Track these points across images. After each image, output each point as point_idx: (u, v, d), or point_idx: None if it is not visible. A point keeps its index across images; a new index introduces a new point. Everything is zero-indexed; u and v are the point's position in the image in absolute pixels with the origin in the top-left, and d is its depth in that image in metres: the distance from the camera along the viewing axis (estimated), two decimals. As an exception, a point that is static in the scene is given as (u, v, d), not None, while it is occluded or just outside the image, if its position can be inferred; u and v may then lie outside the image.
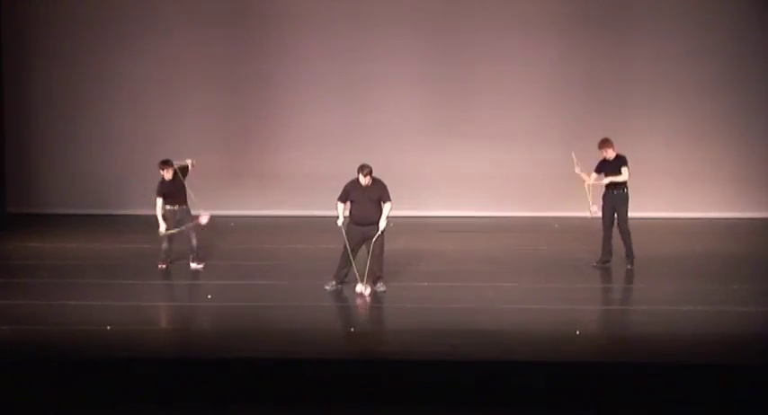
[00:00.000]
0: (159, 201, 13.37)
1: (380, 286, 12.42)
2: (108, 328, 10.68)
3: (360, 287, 12.19)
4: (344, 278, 12.43)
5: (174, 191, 13.38)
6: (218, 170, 17.24)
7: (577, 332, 10.71)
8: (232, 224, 16.58)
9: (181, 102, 18.21)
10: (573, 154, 13.38)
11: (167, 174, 13.37)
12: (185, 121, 18.16)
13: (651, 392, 9.46)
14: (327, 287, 12.43)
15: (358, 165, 12.31)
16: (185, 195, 13.46)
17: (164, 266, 13.54)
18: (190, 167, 13.51)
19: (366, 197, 12.26)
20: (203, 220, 13.42)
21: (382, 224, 12.23)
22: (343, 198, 12.40)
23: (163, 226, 13.30)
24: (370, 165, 12.29)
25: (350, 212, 12.35)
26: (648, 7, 17.88)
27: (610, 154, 13.29)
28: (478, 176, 17.92)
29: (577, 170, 13.37)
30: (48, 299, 11.96)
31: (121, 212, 17.61)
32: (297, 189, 17.88)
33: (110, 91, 18.17)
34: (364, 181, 12.21)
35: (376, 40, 18.06)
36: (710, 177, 17.98)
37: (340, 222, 12.34)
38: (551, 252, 14.83)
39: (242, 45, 18.18)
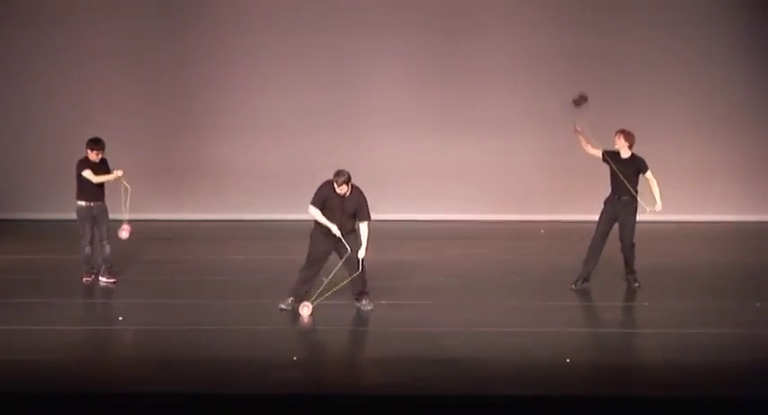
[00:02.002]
0: (88, 172, 13.40)
1: (367, 305, 12.53)
2: None
3: (306, 310, 12.21)
4: (304, 295, 12.42)
5: (91, 184, 13.44)
6: (134, 166, 17.08)
7: (568, 360, 10.64)
8: (149, 230, 16.52)
9: (98, 85, 18.34)
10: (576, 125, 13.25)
11: (94, 156, 13.45)
12: (97, 113, 18.23)
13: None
14: (283, 306, 12.39)
15: (334, 171, 12.24)
16: (103, 193, 13.60)
17: (89, 279, 13.66)
18: (115, 176, 13.62)
19: (342, 208, 12.27)
20: (123, 234, 13.63)
21: (361, 253, 12.28)
22: (317, 203, 12.29)
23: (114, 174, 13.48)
24: (348, 172, 12.21)
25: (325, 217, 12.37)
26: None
27: (620, 144, 13.08)
28: (448, 172, 18.01)
29: (578, 128, 13.17)
30: None
31: (15, 216, 17.51)
32: (235, 187, 17.85)
33: (7, 82, 18.24)
34: (340, 190, 12.18)
35: (343, 13, 18.17)
36: (725, 175, 18.44)
37: (336, 230, 12.24)
38: (537, 264, 14.93)
39: (168, 18, 18.44)
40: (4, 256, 15.42)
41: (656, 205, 13.05)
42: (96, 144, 13.49)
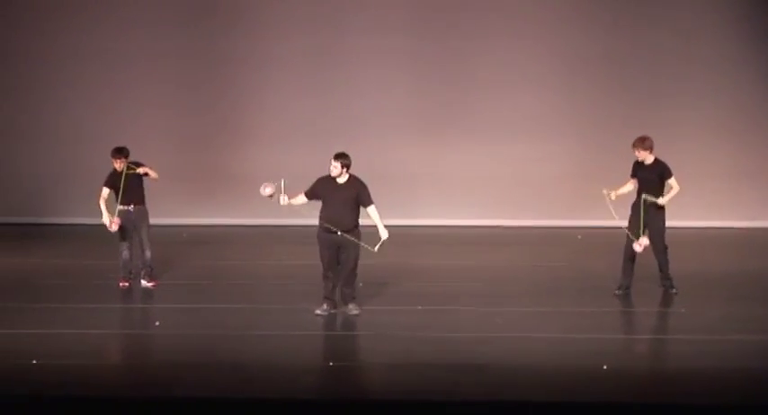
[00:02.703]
0: (104, 191, 13.38)
1: (353, 309, 12.35)
2: (33, 362, 10.58)
3: (268, 190, 12.17)
4: (334, 296, 12.38)
5: (125, 187, 13.33)
6: (170, 172, 17.15)
7: (605, 367, 10.51)
8: (185, 235, 16.78)
9: (130, 96, 18.47)
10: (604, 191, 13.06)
11: (117, 165, 13.33)
12: (134, 117, 18.39)
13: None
14: (319, 311, 12.32)
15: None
16: (142, 195, 13.49)
17: (126, 284, 13.57)
18: (145, 173, 13.52)
19: (339, 197, 12.06)
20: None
21: (384, 233, 12.11)
22: (309, 193, 12.23)
23: (106, 218, 13.23)
24: (348, 155, 12.11)
25: (320, 215, 12.25)
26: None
27: (642, 155, 12.95)
28: (481, 177, 18.26)
29: (605, 192, 13.03)
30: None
31: (53, 221, 17.54)
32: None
33: (33, 85, 18.36)
34: (336, 171, 12.00)
35: (355, 17, 18.05)
36: (763, 178, 17.81)
37: (282, 200, 12.09)
38: (572, 270, 14.86)
39: (198, 27, 18.48)
40: (40, 260, 15.47)
41: (659, 198, 12.81)
42: (118, 152, 13.36)
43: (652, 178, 12.90)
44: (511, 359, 10.83)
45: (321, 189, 12.12)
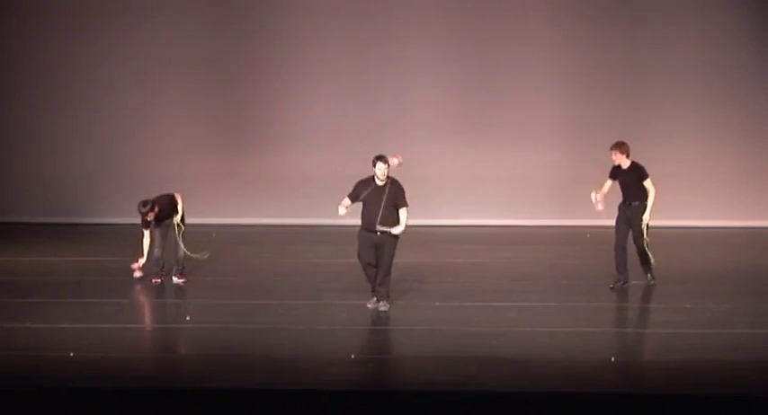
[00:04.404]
0: (146, 233, 13.55)
1: (383, 306, 12.39)
2: (70, 354, 10.59)
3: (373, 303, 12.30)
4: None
5: (157, 221, 13.54)
6: (199, 173, 17.24)
7: (613, 359, 10.54)
8: (214, 234, 16.66)
9: (160, 100, 18.59)
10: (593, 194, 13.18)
11: (150, 217, 13.41)
12: (164, 120, 18.58)
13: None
14: (369, 305, 12.39)
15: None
16: (173, 213, 13.61)
17: (158, 280, 13.58)
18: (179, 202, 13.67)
19: (380, 199, 12.07)
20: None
21: (397, 229, 12.07)
22: (352, 196, 12.25)
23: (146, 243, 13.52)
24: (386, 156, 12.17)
25: (361, 217, 12.25)
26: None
27: (618, 158, 13.15)
28: (498, 179, 18.24)
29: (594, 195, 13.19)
30: (0, 322, 11.86)
31: (88, 221, 17.62)
32: (291, 194, 17.86)
33: (72, 90, 18.51)
34: (381, 172, 12.01)
35: (391, 26, 18.31)
36: (758, 180, 17.93)
37: (342, 211, 12.14)
38: (582, 267, 14.85)
39: (231, 32, 18.39)
40: (76, 258, 15.55)
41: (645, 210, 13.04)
42: (145, 207, 13.32)
43: (631, 180, 13.11)
44: (524, 352, 10.82)
45: (363, 192, 12.15)
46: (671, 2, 18.36)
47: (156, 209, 13.32)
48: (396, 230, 12.11)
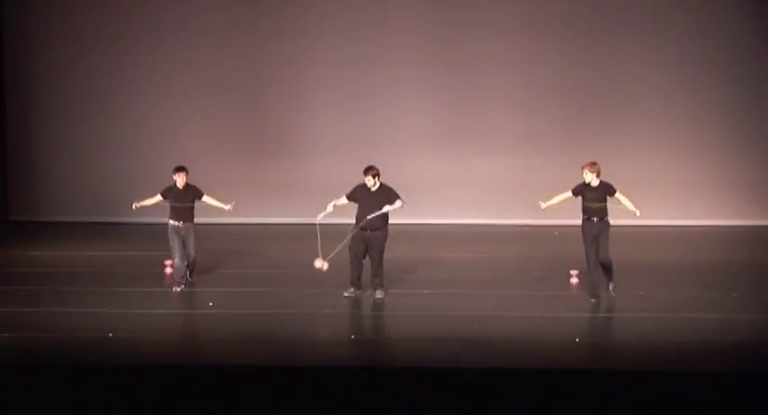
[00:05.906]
0: (158, 196, 13.01)
1: (379, 294, 12.53)
2: (110, 335, 10.78)
3: (318, 263, 12.19)
4: (358, 282, 12.52)
5: (180, 204, 12.88)
6: (219, 176, 17.21)
7: (577, 340, 10.72)
8: (233, 232, 16.71)
9: (186, 107, 18.34)
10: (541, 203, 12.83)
11: (179, 180, 12.87)
12: (190, 126, 18.30)
13: (653, 400, 9.36)
14: (346, 294, 12.49)
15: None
16: (192, 216, 12.95)
17: (178, 288, 12.90)
18: (222, 206, 13.03)
19: (371, 201, 12.28)
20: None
21: (386, 208, 12.19)
22: (348, 194, 12.46)
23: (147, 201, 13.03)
24: (377, 168, 12.36)
25: (356, 216, 12.42)
26: (653, 12, 17.98)
27: (590, 177, 12.25)
28: (478, 182, 18.15)
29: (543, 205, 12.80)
30: (49, 307, 12.05)
31: (125, 220, 17.51)
32: (298, 195, 17.84)
33: (113, 96, 18.29)
34: (370, 183, 12.28)
35: (385, 47, 18.18)
36: (711, 184, 18.16)
37: (329, 208, 12.24)
38: (552, 260, 14.77)
39: (251, 49, 18.31)
40: (109, 253, 15.50)
41: (635, 212, 12.41)
42: (178, 170, 12.87)
43: (600, 197, 12.27)
44: (502, 334, 10.95)
45: (358, 194, 12.39)
46: (640, 16, 17.99)
47: (186, 174, 12.76)
48: (384, 209, 12.22)
